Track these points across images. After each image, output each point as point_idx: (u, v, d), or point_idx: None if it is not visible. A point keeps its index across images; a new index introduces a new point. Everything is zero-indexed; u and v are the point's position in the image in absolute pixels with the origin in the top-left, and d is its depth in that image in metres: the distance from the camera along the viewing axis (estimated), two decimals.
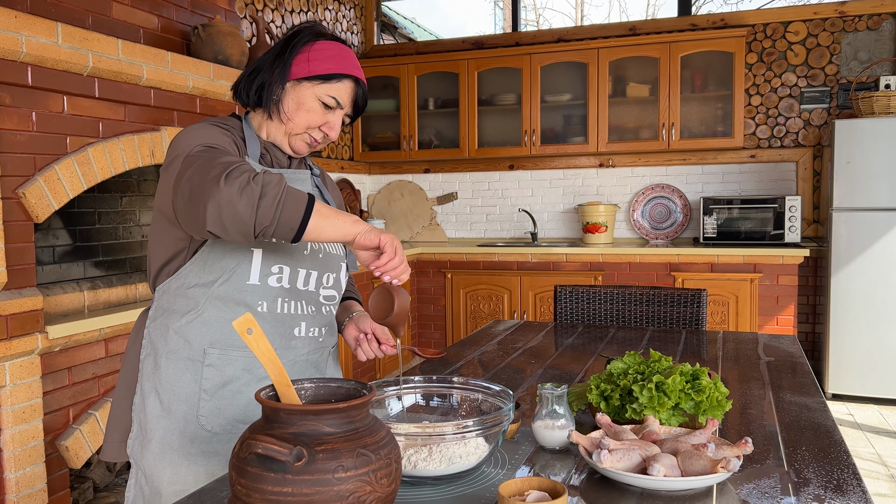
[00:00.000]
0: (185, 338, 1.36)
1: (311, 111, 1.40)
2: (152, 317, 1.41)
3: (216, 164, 1.16)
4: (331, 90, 1.41)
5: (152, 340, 1.40)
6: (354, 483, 0.88)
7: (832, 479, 1.18)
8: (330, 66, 1.40)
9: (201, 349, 1.36)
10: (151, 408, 1.37)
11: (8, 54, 2.16)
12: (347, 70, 1.42)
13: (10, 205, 2.24)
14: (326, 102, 1.41)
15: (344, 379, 1.03)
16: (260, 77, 1.42)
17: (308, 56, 1.40)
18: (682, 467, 1.14)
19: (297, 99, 1.40)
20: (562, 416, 1.31)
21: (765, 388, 1.73)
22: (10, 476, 2.21)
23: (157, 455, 1.36)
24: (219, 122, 1.39)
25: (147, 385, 1.39)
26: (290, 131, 1.42)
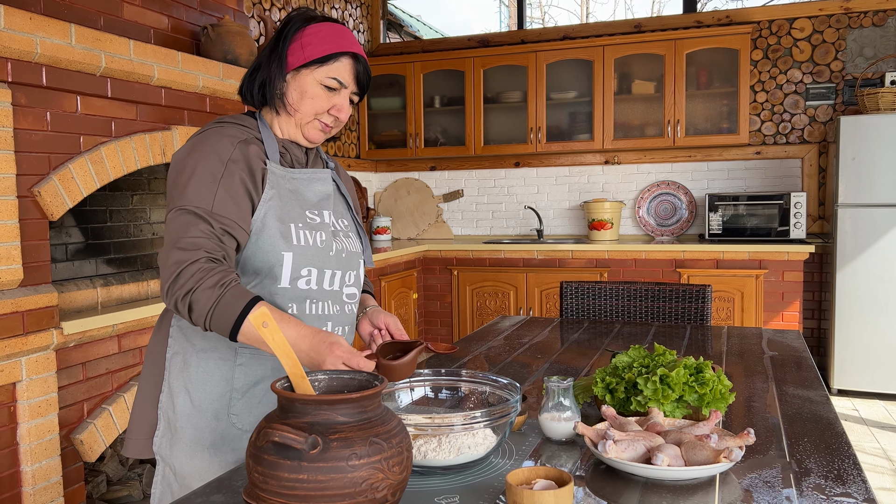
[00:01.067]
0: (217, 336, 1.37)
1: (315, 97, 1.39)
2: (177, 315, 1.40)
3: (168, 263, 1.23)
4: (330, 71, 1.39)
5: (180, 338, 1.40)
6: (367, 470, 0.91)
7: (833, 469, 1.21)
8: (325, 47, 1.38)
9: (233, 349, 1.37)
10: (181, 406, 1.38)
11: (23, 55, 2.20)
12: (343, 48, 1.39)
13: (26, 203, 2.28)
14: (328, 85, 1.39)
15: (356, 371, 1.06)
16: (260, 75, 1.42)
17: (301, 42, 1.38)
18: (686, 457, 1.17)
19: (299, 88, 1.39)
20: (568, 408, 1.34)
21: (768, 381, 1.76)
22: (27, 469, 2.25)
23: (187, 452, 1.37)
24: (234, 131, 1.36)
25: (176, 383, 1.39)
26: (300, 122, 1.42)
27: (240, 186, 1.32)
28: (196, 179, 1.29)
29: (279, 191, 1.38)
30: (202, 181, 1.29)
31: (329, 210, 1.46)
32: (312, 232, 1.40)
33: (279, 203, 1.37)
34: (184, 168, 1.31)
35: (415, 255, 4.90)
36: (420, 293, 5.06)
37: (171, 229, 1.27)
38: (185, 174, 1.30)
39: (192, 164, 1.31)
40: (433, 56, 5.22)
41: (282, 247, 1.35)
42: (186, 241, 1.24)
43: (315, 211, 1.43)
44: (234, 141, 1.35)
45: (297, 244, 1.37)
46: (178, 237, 1.25)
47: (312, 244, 1.39)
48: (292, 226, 1.38)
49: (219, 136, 1.34)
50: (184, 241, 1.24)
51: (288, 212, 1.38)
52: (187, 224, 1.26)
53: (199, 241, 1.25)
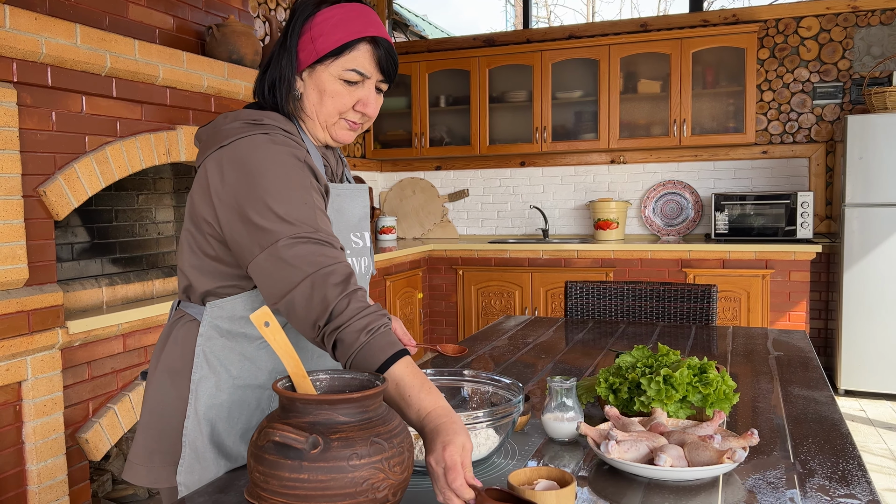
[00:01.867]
0: (256, 364, 1.26)
1: (336, 95, 1.24)
2: (207, 335, 1.24)
3: (315, 303, 1.06)
4: (347, 63, 1.23)
5: (211, 362, 1.24)
6: (368, 470, 0.91)
7: (837, 470, 1.20)
8: (337, 36, 1.21)
9: (274, 376, 1.27)
10: (211, 436, 1.23)
11: (28, 55, 2.21)
12: (358, 33, 1.22)
13: (32, 203, 2.29)
14: (348, 79, 1.23)
15: (357, 371, 1.06)
16: (270, 74, 1.27)
17: (311, 35, 1.23)
18: (689, 458, 1.17)
19: (317, 87, 1.24)
20: (571, 408, 1.33)
21: (773, 382, 1.75)
22: (32, 468, 2.26)
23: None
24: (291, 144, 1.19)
25: (208, 412, 1.23)
26: (325, 123, 1.28)
27: (323, 206, 1.19)
28: (288, 205, 1.12)
29: (331, 212, 1.26)
30: (296, 203, 1.12)
31: (367, 231, 1.35)
32: (358, 259, 1.30)
33: (334, 227, 1.25)
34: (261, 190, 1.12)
35: (420, 255, 4.90)
36: (425, 293, 5.06)
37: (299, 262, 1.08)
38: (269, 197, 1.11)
39: (270, 184, 1.13)
40: (438, 55, 5.22)
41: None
42: (325, 274, 1.07)
43: (357, 233, 1.33)
44: (301, 156, 1.19)
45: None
46: (310, 269, 1.07)
47: (358, 273, 1.29)
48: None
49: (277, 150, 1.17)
50: (321, 274, 1.07)
51: (338, 236, 1.24)
52: (312, 254, 1.09)
53: (339, 269, 1.09)
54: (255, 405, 1.27)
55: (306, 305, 1.07)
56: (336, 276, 1.08)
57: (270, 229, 1.10)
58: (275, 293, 1.10)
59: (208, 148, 1.21)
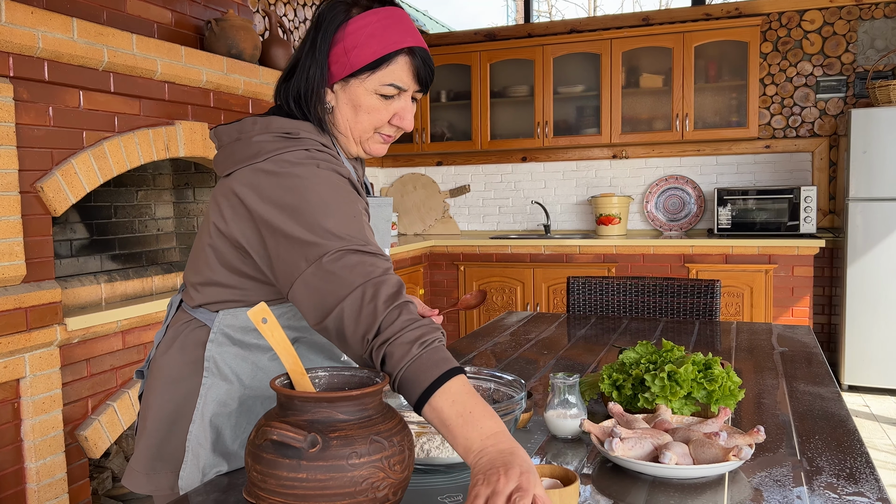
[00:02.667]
0: (269, 375, 1.23)
1: (372, 110, 1.18)
2: (217, 341, 1.20)
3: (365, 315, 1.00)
4: (384, 77, 1.16)
5: (221, 369, 1.20)
6: (368, 469, 0.89)
7: (845, 467, 1.18)
8: (373, 48, 1.14)
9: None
10: (216, 444, 1.20)
11: (25, 50, 2.19)
12: (396, 45, 1.15)
13: (29, 199, 2.27)
14: (385, 93, 1.18)
15: (357, 368, 1.04)
16: (296, 82, 1.18)
17: (344, 46, 1.15)
18: (694, 455, 1.15)
19: (351, 102, 1.18)
20: (574, 405, 1.31)
21: (778, 378, 1.73)
22: (31, 465, 2.25)
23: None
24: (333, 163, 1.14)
25: (216, 419, 1.20)
26: (359, 138, 1.22)
27: (367, 219, 1.15)
28: (336, 219, 1.06)
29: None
30: (344, 219, 1.07)
31: (390, 243, 1.32)
32: None
33: None
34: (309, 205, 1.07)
35: (421, 251, 4.88)
36: (427, 289, 5.04)
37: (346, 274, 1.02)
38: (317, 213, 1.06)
39: (318, 200, 1.07)
40: (439, 50, 5.19)
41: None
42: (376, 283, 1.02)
43: (385, 247, 1.29)
44: (345, 173, 1.15)
45: None
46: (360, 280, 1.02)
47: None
48: None
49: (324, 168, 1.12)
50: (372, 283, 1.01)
51: None
52: (361, 264, 1.03)
53: (390, 280, 1.03)
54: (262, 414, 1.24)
55: (356, 318, 1.00)
56: (388, 287, 1.02)
57: (319, 243, 1.04)
58: (324, 307, 1.03)
59: (238, 161, 1.14)
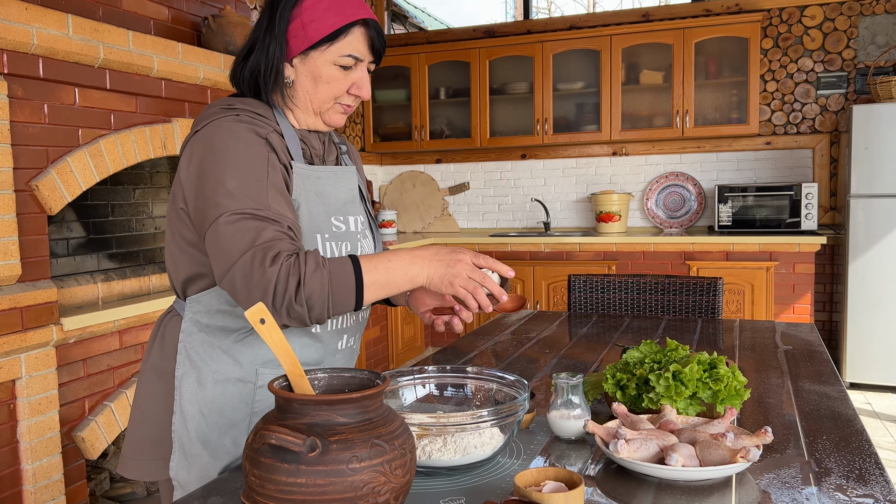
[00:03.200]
0: (234, 357, 1.24)
1: (332, 80, 1.23)
2: (187, 330, 1.26)
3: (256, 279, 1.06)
4: (342, 48, 1.21)
5: (192, 358, 1.25)
6: (369, 474, 0.87)
7: (854, 468, 1.16)
8: (331, 21, 1.19)
9: (253, 369, 1.25)
10: (196, 431, 1.24)
11: (19, 46, 2.16)
12: (351, 17, 1.21)
13: (24, 197, 2.24)
14: (343, 64, 1.22)
15: (357, 369, 1.02)
16: (254, 59, 1.23)
17: (301, 20, 1.20)
18: (701, 457, 1.13)
19: (311, 74, 1.22)
20: (577, 405, 1.29)
21: (783, 376, 1.71)
22: (27, 467, 2.22)
23: (206, 478, 1.25)
24: (256, 123, 1.19)
25: (190, 407, 1.24)
26: (319, 109, 1.26)
27: (284, 185, 1.18)
28: (238, 177, 1.12)
29: (306, 195, 1.23)
30: (247, 180, 1.12)
31: (356, 215, 1.32)
32: (339, 243, 1.26)
33: (307, 209, 1.22)
34: (215, 168, 1.13)
35: None
36: None
37: (235, 240, 1.09)
38: (221, 176, 1.12)
39: (227, 162, 1.13)
40: (438, 47, 5.16)
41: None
42: (263, 249, 1.07)
43: (341, 217, 1.29)
44: (262, 133, 1.19)
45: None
46: (250, 245, 1.08)
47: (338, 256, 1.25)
48: (318, 237, 1.23)
49: (241, 128, 1.17)
50: (261, 250, 1.07)
51: (314, 220, 1.23)
52: (253, 230, 1.09)
53: (277, 245, 1.08)
54: (239, 399, 1.25)
55: (247, 284, 1.07)
56: (272, 251, 1.07)
57: (218, 203, 1.11)
58: (220, 268, 1.10)
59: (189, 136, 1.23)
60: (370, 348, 4.25)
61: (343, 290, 1.08)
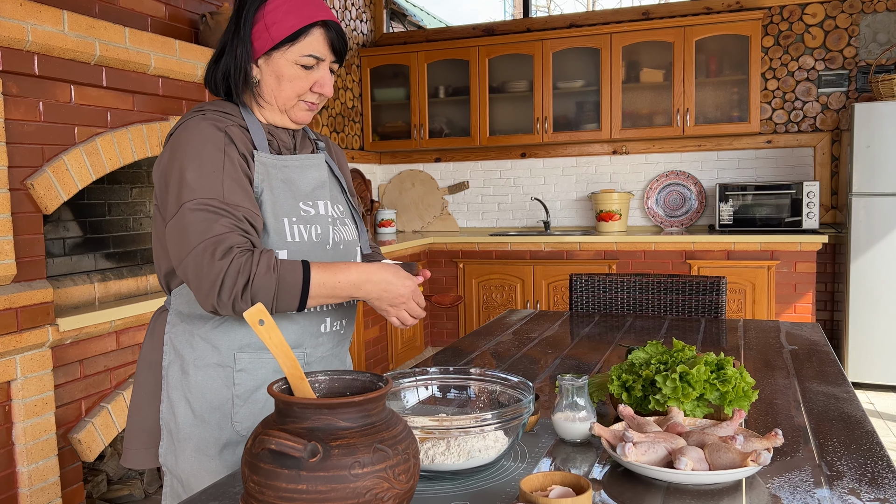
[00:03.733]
0: (212, 344, 1.31)
1: (294, 79, 1.30)
2: (171, 322, 1.35)
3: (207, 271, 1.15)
4: (303, 48, 1.28)
5: (176, 347, 1.34)
6: (371, 479, 0.84)
7: (866, 471, 1.13)
8: (292, 23, 1.26)
9: (231, 354, 1.31)
10: (183, 417, 1.32)
11: (14, 43, 2.13)
12: (311, 18, 1.28)
13: (19, 196, 2.21)
14: (305, 64, 1.29)
15: (359, 371, 0.99)
16: (224, 63, 1.31)
17: (265, 23, 1.27)
18: (710, 460, 1.10)
19: (274, 73, 1.30)
20: (583, 407, 1.27)
21: (790, 377, 1.69)
22: (23, 470, 2.19)
23: (193, 464, 1.32)
24: (218, 119, 1.28)
25: (175, 394, 1.33)
26: (284, 107, 1.33)
27: (242, 174, 1.25)
28: (196, 170, 1.20)
29: (270, 182, 1.30)
30: (204, 171, 1.20)
31: (325, 200, 1.38)
32: (307, 226, 1.32)
33: (271, 196, 1.29)
34: (177, 163, 1.22)
35: (420, 248, 4.83)
36: (425, 286, 4.98)
37: (190, 231, 1.17)
38: (182, 168, 1.21)
39: (186, 156, 1.22)
40: (437, 45, 5.13)
41: (276, 244, 1.28)
42: (214, 241, 1.16)
43: (309, 202, 1.35)
44: (221, 126, 1.26)
45: (292, 241, 1.29)
46: (202, 238, 1.16)
47: (308, 240, 1.31)
48: (286, 220, 1.29)
49: (204, 124, 1.25)
50: (212, 243, 1.16)
51: (281, 205, 1.30)
52: (208, 221, 1.17)
53: (229, 238, 1.16)
54: (220, 383, 1.31)
55: (197, 275, 1.16)
56: (224, 244, 1.16)
57: (178, 195, 1.20)
58: (175, 258, 1.20)
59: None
60: (369, 348, 4.22)
61: (289, 294, 1.17)
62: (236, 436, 1.32)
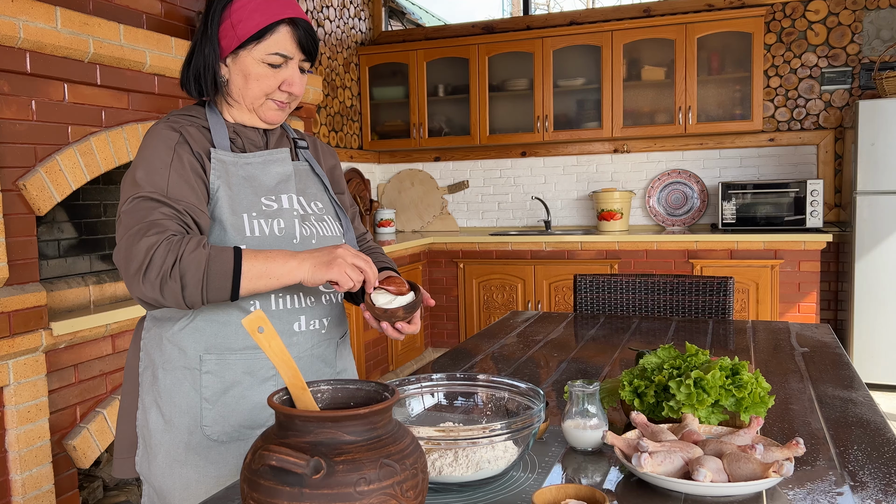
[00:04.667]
0: (178, 346, 1.29)
1: (261, 77, 1.29)
2: (146, 326, 1.36)
3: (136, 249, 1.14)
4: (269, 47, 1.27)
5: (149, 352, 1.34)
6: (378, 497, 0.79)
7: (892, 481, 1.09)
8: (256, 21, 1.26)
9: (197, 356, 1.29)
10: (154, 422, 1.31)
11: (5, 40, 2.08)
12: (276, 16, 1.26)
13: (11, 197, 2.16)
14: (271, 62, 1.28)
15: (363, 381, 0.95)
16: (194, 64, 1.31)
17: (231, 21, 1.27)
18: (729, 471, 1.06)
19: (241, 71, 1.29)
20: (594, 415, 1.22)
21: (803, 381, 1.64)
22: (16, 477, 2.14)
23: (164, 470, 1.29)
24: (176, 121, 1.29)
25: (147, 399, 1.32)
26: (251, 105, 1.32)
27: (191, 172, 1.25)
28: (145, 168, 1.22)
29: (229, 179, 1.29)
30: (152, 168, 1.22)
31: (289, 193, 1.35)
32: (269, 220, 1.30)
33: (228, 193, 1.28)
34: (132, 165, 1.25)
35: (420, 248, 4.78)
36: (425, 287, 4.94)
37: (129, 218, 1.19)
38: (134, 169, 1.24)
39: (139, 158, 1.25)
40: (436, 43, 5.08)
41: (233, 240, 1.26)
42: (148, 224, 1.16)
43: (272, 196, 1.32)
44: (177, 127, 1.27)
45: (252, 235, 1.27)
46: (138, 223, 1.17)
47: (269, 233, 1.28)
48: (245, 216, 1.28)
49: (162, 126, 1.28)
50: (146, 225, 1.16)
51: (240, 201, 1.29)
52: (146, 209, 1.19)
53: (164, 223, 1.17)
54: (189, 386, 1.29)
55: (127, 255, 1.15)
56: (156, 227, 1.16)
57: (125, 193, 1.22)
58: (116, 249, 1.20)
59: None
60: (369, 350, 4.18)
61: (220, 273, 1.14)
62: (206, 441, 1.29)
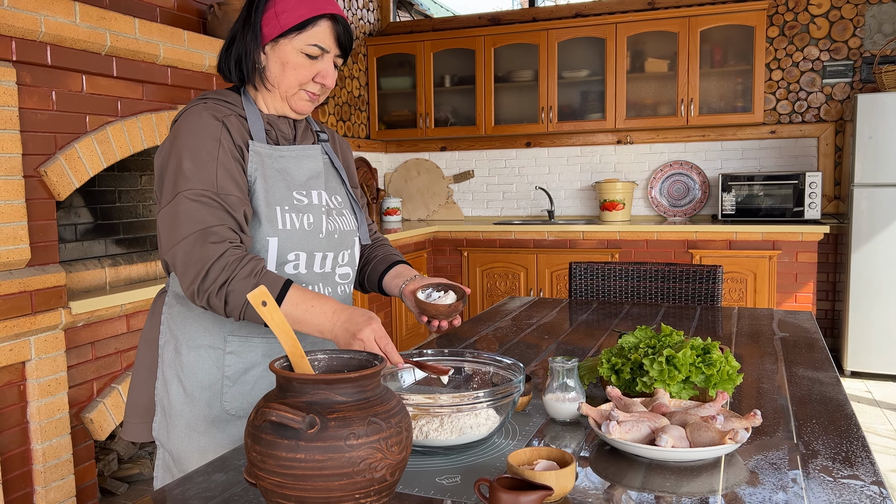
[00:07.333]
0: (205, 326, 1.36)
1: (298, 67, 1.34)
2: (169, 303, 1.41)
3: (194, 258, 1.21)
4: (310, 38, 1.32)
5: (171, 328, 1.40)
6: (366, 450, 0.90)
7: (841, 451, 1.19)
8: (301, 12, 1.31)
9: (222, 337, 1.36)
10: (175, 394, 1.38)
11: (28, 34, 2.19)
12: (319, 10, 1.32)
13: (33, 183, 2.28)
14: (310, 53, 1.33)
15: (356, 351, 1.05)
16: (235, 49, 1.36)
17: (275, 10, 1.32)
18: (691, 438, 1.16)
19: (280, 59, 1.33)
20: (572, 388, 1.32)
21: (778, 362, 1.74)
22: (37, 447, 2.27)
23: (183, 439, 1.38)
24: (217, 108, 1.33)
25: (169, 372, 1.39)
26: (285, 94, 1.37)
27: (235, 164, 1.30)
28: (192, 158, 1.26)
29: (264, 171, 1.34)
30: (199, 160, 1.26)
31: (319, 189, 1.41)
32: (299, 215, 1.36)
33: (264, 185, 1.33)
34: (176, 151, 1.28)
35: (425, 237, 4.89)
36: (430, 275, 5.05)
37: (183, 219, 1.23)
38: (180, 157, 1.27)
39: (184, 145, 1.28)
40: (443, 35, 5.16)
41: (267, 232, 1.32)
42: (205, 233, 1.22)
43: (303, 191, 1.39)
44: (219, 116, 1.31)
45: (283, 228, 1.33)
46: (196, 227, 1.22)
47: (299, 228, 1.35)
48: (278, 209, 1.34)
49: (204, 114, 1.31)
50: (203, 234, 1.22)
51: (273, 194, 1.34)
52: (199, 212, 1.23)
53: (220, 232, 1.23)
54: (211, 363, 1.37)
55: (185, 261, 1.22)
56: (215, 236, 1.22)
57: (175, 183, 1.25)
58: (166, 244, 1.25)
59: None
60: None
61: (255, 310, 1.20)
62: (225, 414, 1.37)
